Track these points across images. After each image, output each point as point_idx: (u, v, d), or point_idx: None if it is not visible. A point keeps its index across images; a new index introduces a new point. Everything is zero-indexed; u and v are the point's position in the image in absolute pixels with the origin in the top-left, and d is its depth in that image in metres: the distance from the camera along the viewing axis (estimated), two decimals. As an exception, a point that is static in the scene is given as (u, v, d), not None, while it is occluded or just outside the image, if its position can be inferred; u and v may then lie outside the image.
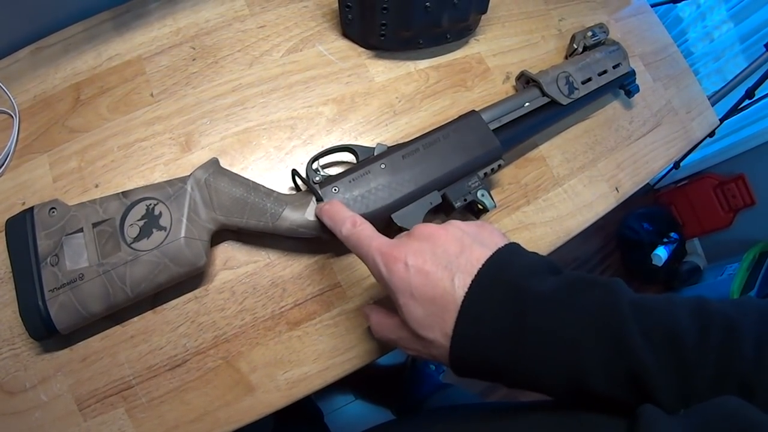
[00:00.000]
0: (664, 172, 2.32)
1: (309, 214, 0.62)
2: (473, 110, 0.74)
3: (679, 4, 1.88)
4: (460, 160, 0.69)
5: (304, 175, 0.66)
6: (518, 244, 0.50)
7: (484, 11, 0.85)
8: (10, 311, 0.60)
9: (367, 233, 0.52)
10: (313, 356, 0.64)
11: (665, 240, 2.26)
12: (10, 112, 0.69)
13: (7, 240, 0.58)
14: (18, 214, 0.58)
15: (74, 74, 0.72)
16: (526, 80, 0.83)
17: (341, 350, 0.65)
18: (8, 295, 0.60)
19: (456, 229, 0.50)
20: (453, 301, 0.44)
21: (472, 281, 0.45)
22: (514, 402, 0.61)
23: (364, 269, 0.68)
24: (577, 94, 0.81)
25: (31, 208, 0.58)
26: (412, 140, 0.69)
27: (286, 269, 0.66)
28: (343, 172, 0.66)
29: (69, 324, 0.55)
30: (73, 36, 0.74)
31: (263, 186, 0.63)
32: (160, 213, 0.59)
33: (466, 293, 0.44)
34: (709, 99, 1.14)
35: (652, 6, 1.20)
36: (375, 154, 0.68)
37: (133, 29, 0.75)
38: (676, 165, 2.16)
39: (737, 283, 1.89)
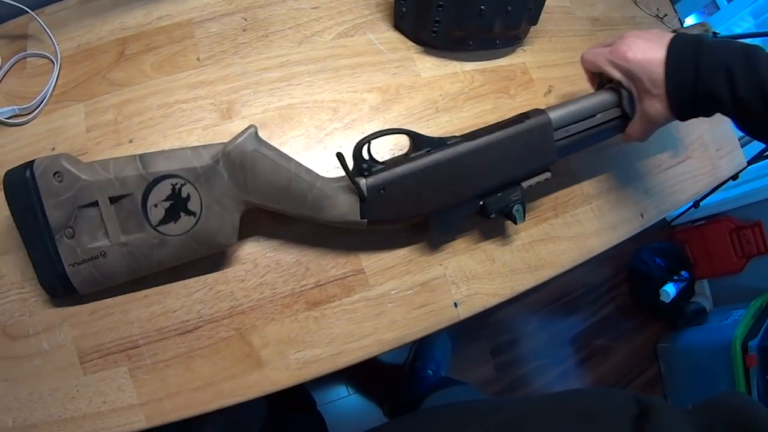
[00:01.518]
0: (682, 210, 2.31)
1: (350, 213, 0.60)
2: (543, 111, 0.68)
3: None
4: (512, 171, 0.67)
5: (350, 158, 0.61)
6: None
7: (535, 23, 0.85)
8: (22, 254, 0.59)
9: (596, 49, 0.73)
10: (327, 339, 0.64)
11: (675, 277, 2.24)
12: (51, 57, 0.69)
13: (8, 202, 0.53)
14: (17, 168, 0.53)
15: (122, 29, 0.72)
16: (607, 79, 0.74)
17: (356, 337, 0.65)
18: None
19: (651, 31, 0.68)
20: (662, 58, 0.64)
21: (669, 42, 0.64)
22: (520, 397, 0.62)
23: (390, 259, 0.69)
24: None
25: (31, 164, 0.52)
26: (472, 139, 0.64)
27: (312, 249, 0.66)
28: (392, 165, 0.62)
29: (90, 289, 0.55)
30: (125, -9, 0.74)
31: (306, 171, 0.59)
32: (188, 195, 0.55)
33: (667, 50, 0.64)
34: (738, 141, 1.13)
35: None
36: (431, 149, 0.64)
37: (186, -8, 0.75)
38: (696, 204, 2.14)
39: (741, 329, 1.88)
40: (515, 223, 0.68)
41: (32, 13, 0.69)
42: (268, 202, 0.57)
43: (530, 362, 2.08)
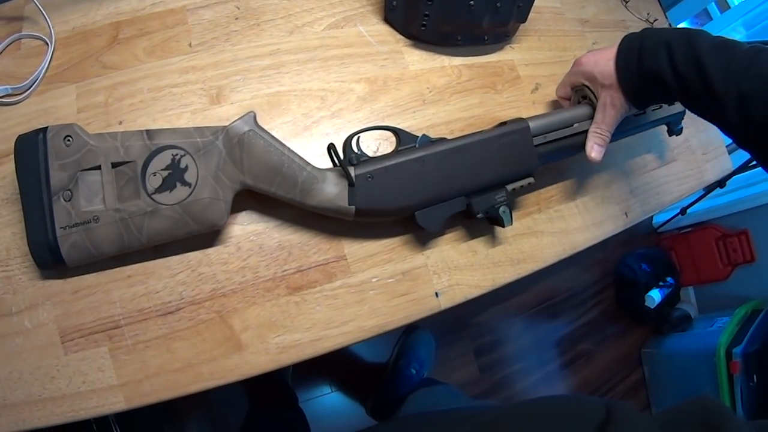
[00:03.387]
0: (669, 216, 2.32)
1: (339, 198, 0.62)
2: (522, 119, 0.73)
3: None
4: (495, 173, 0.69)
5: (340, 150, 0.65)
6: None
7: (524, 21, 0.86)
8: (9, 232, 0.60)
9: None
10: (308, 324, 0.64)
11: (661, 283, 2.26)
12: (46, 39, 0.69)
13: (15, 159, 0.55)
14: (30, 132, 0.55)
15: (116, 13, 0.72)
16: (582, 95, 0.80)
17: (336, 323, 0.65)
18: (11, 216, 0.60)
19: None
20: (612, 54, 0.71)
21: (621, 40, 0.71)
22: (495, 404, 0.62)
23: (373, 246, 0.69)
24: (625, 125, 0.79)
25: (45, 129, 0.55)
26: (456, 138, 0.69)
27: (295, 234, 0.67)
28: (380, 158, 0.66)
29: (78, 260, 0.55)
30: (120, -23, 0.75)
31: (298, 157, 0.62)
32: (186, 166, 0.57)
33: (618, 45, 0.71)
34: (726, 147, 1.15)
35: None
36: (417, 145, 0.68)
37: (181, -21, 0.76)
38: (683, 211, 2.17)
39: (725, 336, 1.90)
40: (503, 226, 0.70)
41: (29, -6, 0.69)
42: (260, 183, 0.59)
43: (514, 364, 2.09)
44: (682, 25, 2.06)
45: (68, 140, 0.55)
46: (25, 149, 0.55)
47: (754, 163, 1.69)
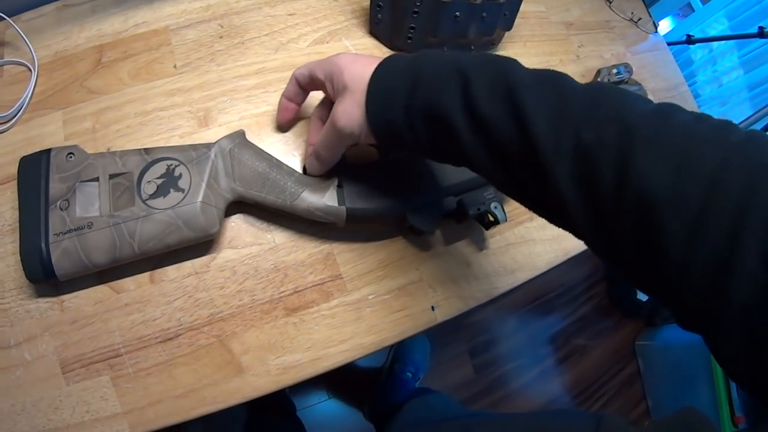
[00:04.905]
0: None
1: (328, 198, 0.62)
2: None
3: (692, 46, 1.90)
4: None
5: None
6: None
7: (509, 28, 0.86)
8: (3, 265, 0.59)
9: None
10: (307, 344, 0.64)
11: (652, 276, 2.27)
12: (29, 65, 0.68)
13: (18, 177, 0.57)
14: (34, 153, 0.58)
15: (99, 36, 0.72)
16: None
17: (335, 342, 0.65)
18: (3, 248, 0.60)
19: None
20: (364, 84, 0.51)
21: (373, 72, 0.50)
22: (487, 413, 0.63)
23: (368, 263, 0.69)
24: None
25: (49, 150, 0.58)
26: None
27: (290, 255, 0.66)
28: (367, 164, 0.67)
29: (68, 271, 0.55)
30: (102, -3, 0.74)
31: (286, 165, 0.64)
32: (180, 174, 0.59)
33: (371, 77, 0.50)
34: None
35: (667, 44, 1.22)
36: None
37: (163, -1, 0.75)
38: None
39: (716, 326, 1.91)
40: (497, 223, 0.69)
41: (9, 19, 0.68)
42: (251, 190, 0.61)
43: (509, 362, 2.10)
44: (665, 21, 2.06)
45: (70, 157, 0.58)
46: (28, 165, 0.58)
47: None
